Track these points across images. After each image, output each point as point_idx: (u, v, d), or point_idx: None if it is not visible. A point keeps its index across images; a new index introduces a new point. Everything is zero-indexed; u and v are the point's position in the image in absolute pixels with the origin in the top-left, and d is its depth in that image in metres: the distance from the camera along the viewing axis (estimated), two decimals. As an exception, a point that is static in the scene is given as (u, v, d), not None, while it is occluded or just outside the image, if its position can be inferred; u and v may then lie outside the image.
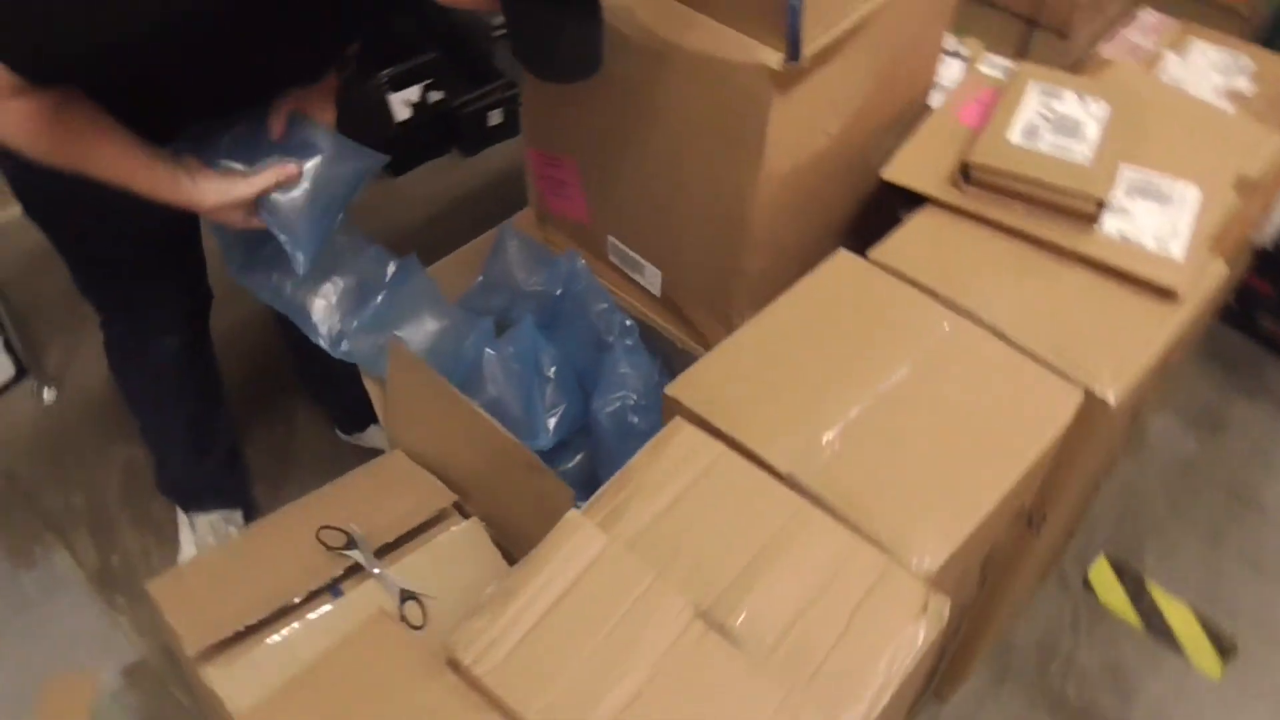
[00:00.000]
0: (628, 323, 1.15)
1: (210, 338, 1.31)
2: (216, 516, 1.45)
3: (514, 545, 1.09)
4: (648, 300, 1.24)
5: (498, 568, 1.07)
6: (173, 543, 1.48)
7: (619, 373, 1.09)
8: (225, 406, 1.40)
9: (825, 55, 0.94)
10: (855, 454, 0.85)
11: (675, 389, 0.89)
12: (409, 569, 1.04)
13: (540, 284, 1.21)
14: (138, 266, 1.12)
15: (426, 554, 1.06)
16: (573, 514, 0.78)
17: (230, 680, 0.96)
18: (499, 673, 0.70)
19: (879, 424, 0.87)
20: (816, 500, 0.82)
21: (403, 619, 1.01)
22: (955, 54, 1.44)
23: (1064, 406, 0.90)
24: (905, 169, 1.10)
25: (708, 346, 1.22)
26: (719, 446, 0.85)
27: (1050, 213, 1.03)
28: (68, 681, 1.20)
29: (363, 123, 1.34)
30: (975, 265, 1.01)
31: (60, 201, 1.04)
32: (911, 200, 1.09)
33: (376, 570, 1.03)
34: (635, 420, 1.08)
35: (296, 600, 1.00)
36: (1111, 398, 0.91)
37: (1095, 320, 0.97)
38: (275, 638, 0.99)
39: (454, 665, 0.72)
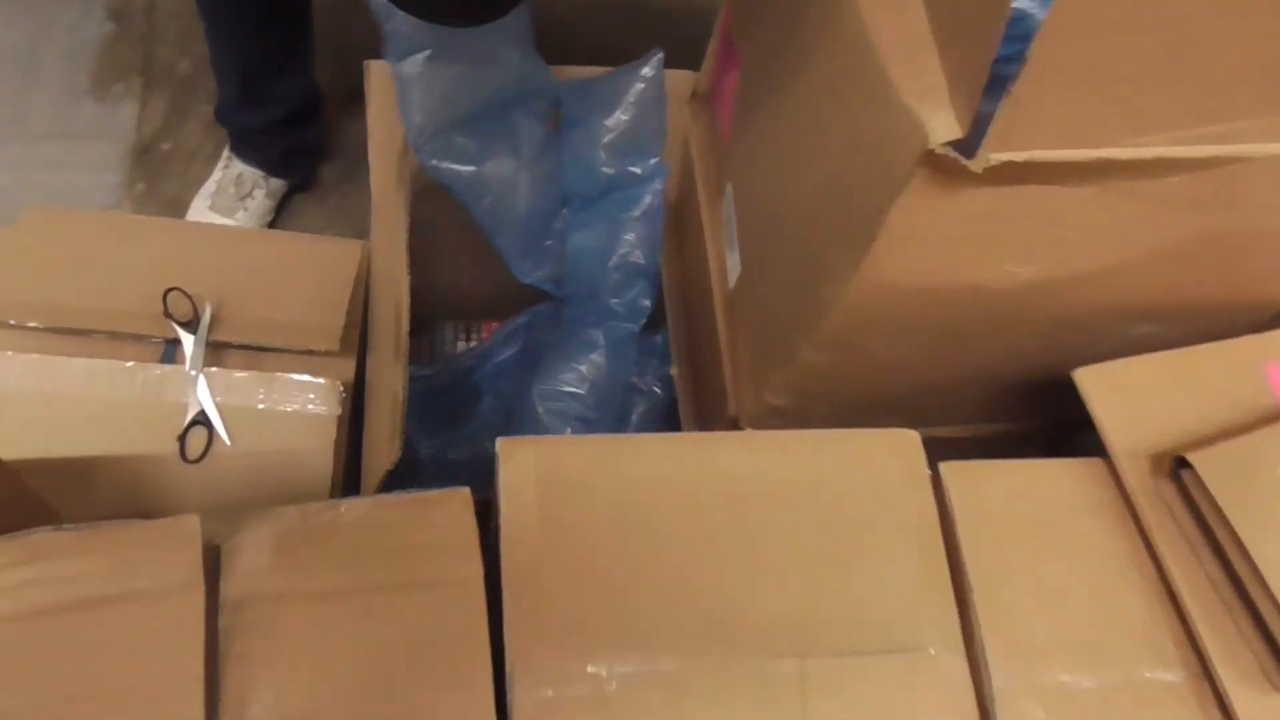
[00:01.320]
0: (645, 302, 0.88)
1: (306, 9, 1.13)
2: (252, 172, 1.34)
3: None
4: (722, 291, 0.94)
5: (315, 448, 0.88)
6: (214, 164, 1.40)
7: (576, 358, 0.84)
8: (299, 78, 1.25)
9: (1049, 173, 0.56)
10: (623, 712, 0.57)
11: (511, 445, 0.63)
12: (231, 387, 0.88)
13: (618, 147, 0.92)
14: None
15: (263, 383, 0.88)
16: (192, 520, 0.56)
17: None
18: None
19: (719, 692, 0.58)
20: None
21: (179, 440, 0.85)
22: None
23: None
24: (1109, 385, 0.70)
25: (711, 406, 0.93)
26: (472, 567, 0.59)
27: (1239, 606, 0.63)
28: (44, 215, 1.05)
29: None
30: (1068, 573, 0.64)
31: None
32: (1087, 430, 0.71)
33: (193, 373, 0.87)
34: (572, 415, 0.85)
35: (93, 328, 0.88)
36: None
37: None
38: (36, 356, 0.86)
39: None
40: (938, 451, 0.88)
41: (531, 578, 0.59)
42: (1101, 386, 0.70)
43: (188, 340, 0.88)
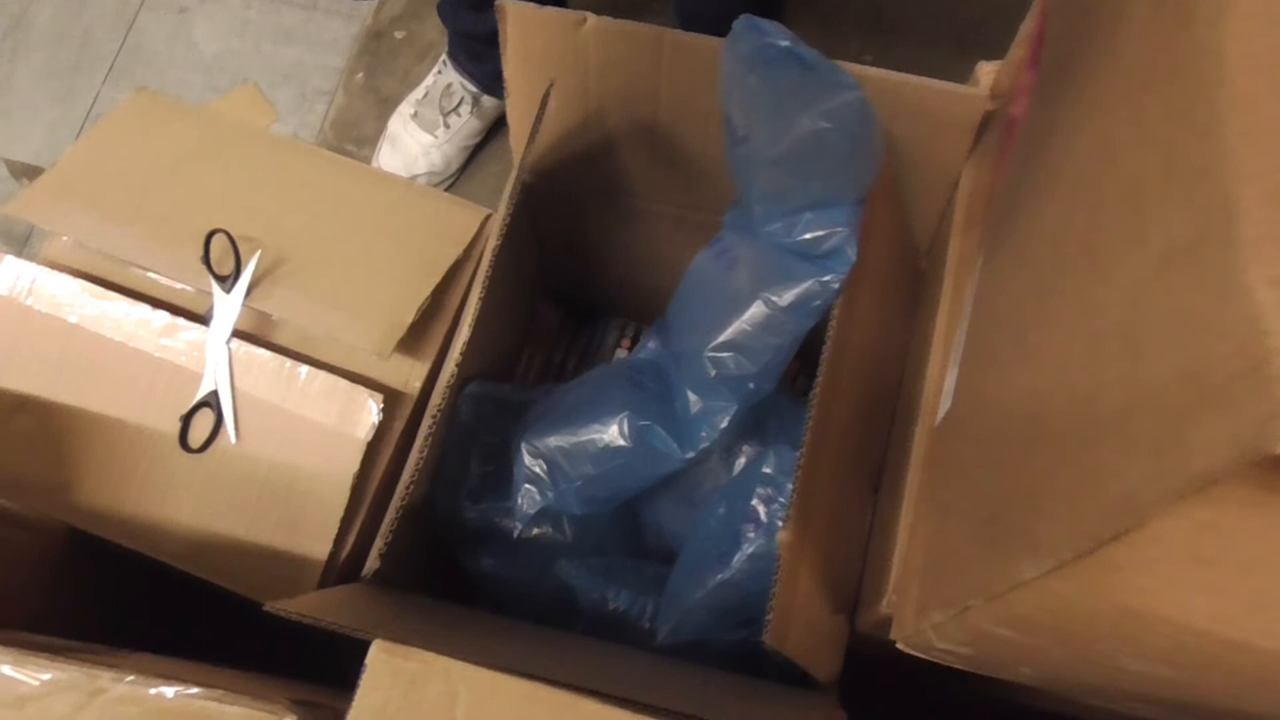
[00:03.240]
0: (707, 431, 0.57)
1: None
2: (464, 84, 1.16)
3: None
4: (929, 420, 0.62)
5: (332, 472, 0.68)
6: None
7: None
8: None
9: None
10: None
11: (388, 657, 0.39)
12: (258, 371, 0.69)
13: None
14: None
15: (288, 377, 0.69)
16: None
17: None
18: None
19: None
20: None
21: (182, 421, 0.69)
22: None
23: None
24: None
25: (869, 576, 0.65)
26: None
27: None
28: (146, 107, 0.93)
29: None
30: None
31: None
32: None
33: (217, 343, 0.69)
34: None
35: (145, 264, 0.72)
36: None
37: None
38: (73, 281, 0.72)
39: None
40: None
41: None
42: None
43: (220, 300, 0.71)
